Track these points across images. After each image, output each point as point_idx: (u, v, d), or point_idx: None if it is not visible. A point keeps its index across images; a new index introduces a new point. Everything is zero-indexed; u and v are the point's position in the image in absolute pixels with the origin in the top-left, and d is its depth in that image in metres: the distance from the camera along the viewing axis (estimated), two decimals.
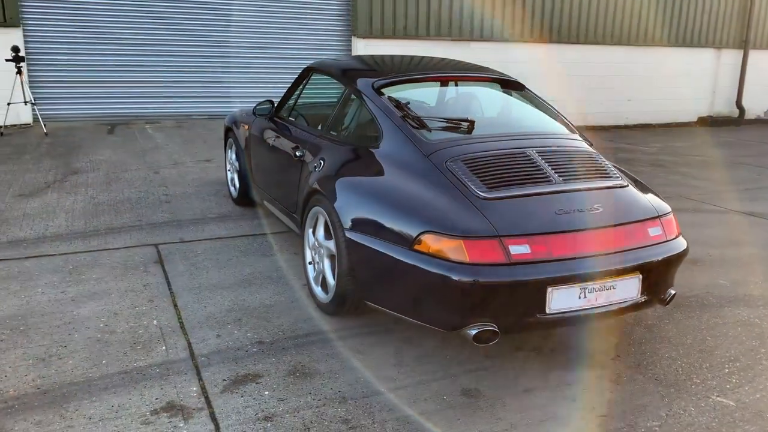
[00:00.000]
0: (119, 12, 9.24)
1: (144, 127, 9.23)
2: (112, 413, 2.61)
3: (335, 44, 10.68)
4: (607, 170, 3.41)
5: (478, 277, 2.77)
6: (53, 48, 8.99)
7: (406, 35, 10.79)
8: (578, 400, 2.83)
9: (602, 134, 11.70)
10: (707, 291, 4.14)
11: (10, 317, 3.46)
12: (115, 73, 9.40)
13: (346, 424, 2.59)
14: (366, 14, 10.43)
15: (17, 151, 7.49)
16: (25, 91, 8.20)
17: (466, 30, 11.26)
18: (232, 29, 9.95)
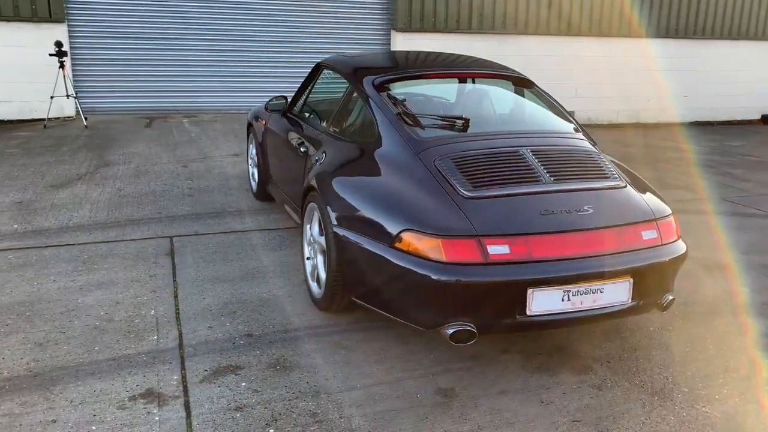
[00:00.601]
0: (161, 8, 9.51)
1: (181, 121, 9.49)
2: (92, 397, 2.72)
3: (374, 38, 10.68)
4: (605, 170, 3.33)
5: (453, 276, 2.75)
6: (96, 43, 9.32)
7: (447, 29, 10.71)
8: (553, 404, 2.78)
9: (654, 132, 11.36)
10: (723, 298, 3.99)
11: (19, 303, 3.63)
12: (155, 68, 9.68)
13: (313, 417, 2.63)
14: (405, 7, 10.40)
15: (57, 143, 7.82)
16: (67, 85, 8.53)
17: (511, 23, 11.07)
18: (270, 24, 10.09)
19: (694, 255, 4.67)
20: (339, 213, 3.27)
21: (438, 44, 10.62)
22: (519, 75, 4.09)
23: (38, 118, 8.82)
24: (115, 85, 9.55)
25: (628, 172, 3.62)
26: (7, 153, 7.34)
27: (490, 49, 10.90)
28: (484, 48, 10.82)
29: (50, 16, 8.79)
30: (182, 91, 9.92)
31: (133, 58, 9.55)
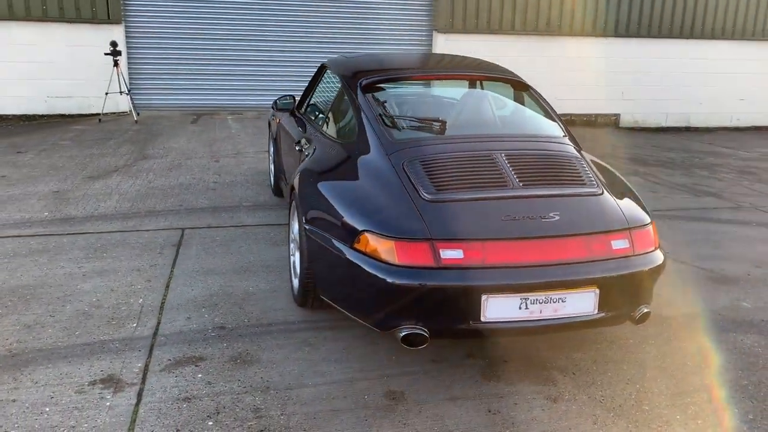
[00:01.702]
0: (212, 10, 9.84)
1: (226, 118, 9.80)
2: (56, 380, 2.88)
3: (416, 39, 10.67)
4: (582, 177, 3.22)
5: (404, 279, 2.74)
6: (150, 43, 9.76)
7: (490, 30, 10.57)
8: (500, 414, 2.72)
9: (703, 137, 10.83)
10: (721, 313, 3.78)
11: (24, 286, 3.88)
12: (205, 66, 10.04)
13: (255, 412, 2.68)
14: (447, 7, 10.33)
15: (105, 136, 8.25)
16: (121, 83, 8.98)
17: (555, 24, 10.80)
18: (315, 24, 10.26)
19: (704, 266, 4.46)
20: (310, 211, 3.32)
21: (480, 45, 10.49)
22: (514, 78, 4.00)
23: (95, 113, 9.33)
24: (167, 83, 9.97)
25: (614, 178, 3.50)
26: (59, 145, 7.81)
27: (533, 51, 10.70)
28: (527, 50, 10.64)
29: (108, 17, 9.28)
30: (230, 89, 10.23)
31: (185, 58, 9.93)
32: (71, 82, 9.31)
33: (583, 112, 11.25)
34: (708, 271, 4.44)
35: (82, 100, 9.39)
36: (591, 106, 11.27)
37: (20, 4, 8.96)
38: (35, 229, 4.92)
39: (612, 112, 11.43)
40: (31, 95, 9.28)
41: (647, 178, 7.27)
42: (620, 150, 8.95)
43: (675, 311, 3.77)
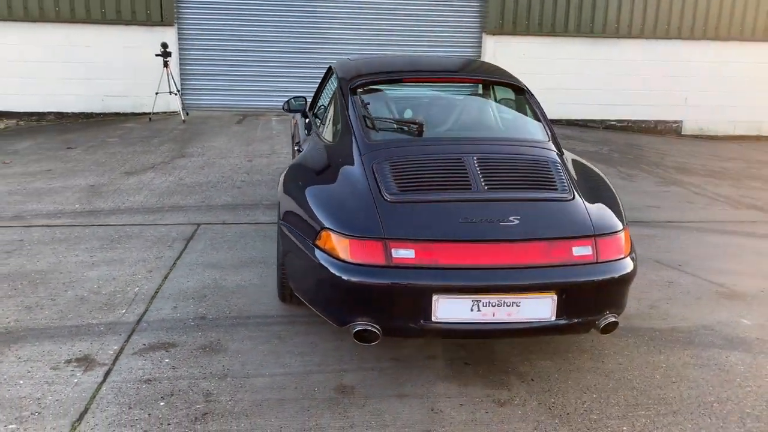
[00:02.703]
0: (262, 13, 10.17)
1: (271, 119, 10.09)
2: (38, 356, 3.11)
3: (465, 41, 10.62)
4: (555, 181, 3.18)
5: (355, 276, 2.81)
6: (201, 44, 10.18)
7: (541, 32, 10.41)
8: (442, 414, 2.74)
9: None
10: (715, 328, 3.63)
11: (37, 271, 4.17)
12: (253, 68, 10.37)
13: (206, 397, 2.81)
14: (498, 7, 10.24)
15: (152, 135, 8.68)
16: (170, 83, 9.41)
17: (612, 26, 10.51)
18: (363, 28, 10.40)
19: (716, 280, 4.29)
20: (285, 207, 3.43)
21: (530, 47, 10.37)
22: (509, 81, 3.96)
23: (147, 112, 9.81)
24: (216, 84, 10.36)
25: (596, 184, 3.44)
26: (107, 142, 8.28)
27: (587, 53, 10.47)
28: (581, 52, 10.42)
29: (161, 20, 9.75)
30: (278, 91, 10.50)
31: (234, 59, 10.30)
32: (126, 82, 9.84)
33: (641, 119, 10.89)
34: (718, 285, 4.26)
35: (135, 100, 9.90)
36: (650, 112, 10.90)
37: (81, 8, 9.55)
38: (63, 219, 5.26)
39: (673, 119, 11.00)
40: (89, 94, 9.87)
41: (688, 188, 6.99)
42: (669, 159, 8.63)
43: (665, 324, 3.66)
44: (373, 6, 10.34)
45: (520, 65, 10.36)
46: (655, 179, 7.22)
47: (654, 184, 7.00)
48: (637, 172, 7.52)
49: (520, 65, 10.36)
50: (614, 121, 10.79)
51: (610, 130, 10.72)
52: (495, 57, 10.33)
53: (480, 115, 3.86)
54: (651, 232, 5.33)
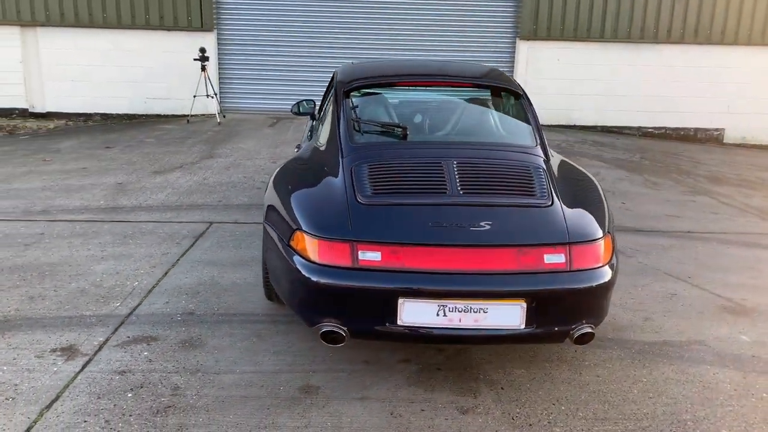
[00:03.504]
0: (298, 19, 10.35)
1: (303, 122, 10.22)
2: (27, 344, 3.25)
3: (499, 47, 10.50)
4: (534, 187, 3.12)
5: (322, 277, 2.83)
6: (240, 49, 10.44)
7: (576, 37, 10.20)
8: (401, 418, 2.72)
9: None
10: (710, 344, 3.48)
11: (49, 264, 4.37)
12: (289, 72, 10.56)
13: (173, 390, 2.88)
14: (531, 13, 10.10)
15: (186, 136, 8.94)
16: (208, 86, 9.68)
17: (650, 31, 10.21)
18: (397, 33, 10.43)
19: (724, 294, 4.12)
20: (269, 207, 3.48)
21: (564, 53, 10.18)
22: (506, 86, 3.90)
23: (186, 114, 10.12)
24: (253, 88, 10.60)
25: (582, 191, 3.35)
26: (144, 142, 8.58)
27: (624, 59, 10.20)
28: (617, 58, 10.17)
29: (201, 26, 10.05)
30: (312, 95, 10.62)
31: (271, 64, 10.51)
32: (167, 85, 10.18)
33: (680, 126, 10.53)
34: (726, 299, 4.08)
35: (176, 102, 10.22)
36: (690, 120, 10.53)
37: (127, 14, 9.95)
38: (86, 215, 5.49)
39: (715, 127, 10.59)
40: (133, 96, 10.26)
41: (717, 198, 6.72)
42: (703, 167, 8.31)
43: (657, 337, 3.53)
44: (406, 12, 10.36)
45: (555, 71, 10.22)
46: (682, 188, 6.96)
47: (680, 193, 6.75)
48: (664, 180, 7.27)
49: (554, 71, 10.23)
50: (652, 129, 10.46)
51: (648, 137, 10.39)
52: (528, 63, 10.20)
53: (470, 120, 3.82)
54: (666, 243, 5.15)
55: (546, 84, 10.26)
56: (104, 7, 9.92)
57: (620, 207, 6.10)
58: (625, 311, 3.84)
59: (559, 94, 10.28)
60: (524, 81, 10.26)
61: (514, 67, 10.36)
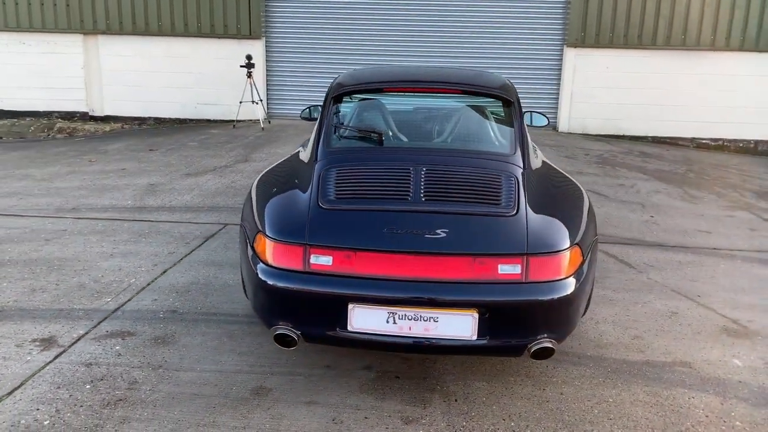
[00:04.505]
0: (344, 26, 10.48)
1: None
2: (11, 334, 3.43)
3: (545, 54, 10.21)
4: (500, 196, 3.02)
5: (274, 280, 2.85)
6: (286, 56, 10.67)
7: (627, 44, 9.82)
8: (342, 425, 2.70)
9: None
10: (696, 366, 3.26)
11: (61, 258, 4.60)
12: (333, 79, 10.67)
13: (130, 384, 2.97)
14: (579, 19, 9.81)
15: (228, 140, 9.20)
16: (253, 92, 9.94)
17: (707, 37, 9.70)
18: (444, 39, 10.37)
19: (731, 315, 3.88)
20: (243, 209, 3.54)
21: (615, 61, 9.84)
22: (495, 92, 3.78)
23: (233, 120, 10.43)
24: (299, 94, 10.80)
25: (557, 201, 3.23)
26: (186, 146, 8.90)
27: (678, 68, 9.77)
28: (670, 67, 9.75)
29: (250, 33, 10.34)
30: None
31: (317, 71, 10.67)
32: (216, 91, 10.52)
33: (738, 138, 9.94)
34: (731, 321, 3.83)
35: (224, 108, 10.55)
36: (749, 131, 9.92)
37: (180, 22, 10.36)
38: (110, 213, 5.75)
39: None
40: (184, 101, 10.67)
41: (757, 214, 6.29)
42: (753, 182, 7.81)
43: (640, 357, 3.34)
44: (452, 19, 10.28)
45: (603, 79, 9.89)
46: (723, 203, 6.56)
47: (719, 207, 6.37)
48: (705, 194, 6.88)
49: (602, 79, 9.90)
50: (707, 140, 9.92)
51: (702, 149, 9.86)
52: (575, 71, 9.92)
53: (451, 127, 3.75)
54: (686, 259, 4.87)
55: (593, 93, 9.94)
56: (159, 15, 10.38)
57: (647, 221, 5.82)
58: (615, 328, 3.66)
59: (607, 103, 9.94)
60: (570, 90, 9.99)
61: (561, 76, 10.09)
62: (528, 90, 10.28)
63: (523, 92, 10.05)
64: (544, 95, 10.26)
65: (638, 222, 5.77)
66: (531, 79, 10.24)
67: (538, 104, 10.26)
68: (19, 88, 10.90)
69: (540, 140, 9.39)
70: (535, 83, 10.25)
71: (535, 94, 10.24)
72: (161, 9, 10.35)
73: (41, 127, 10.73)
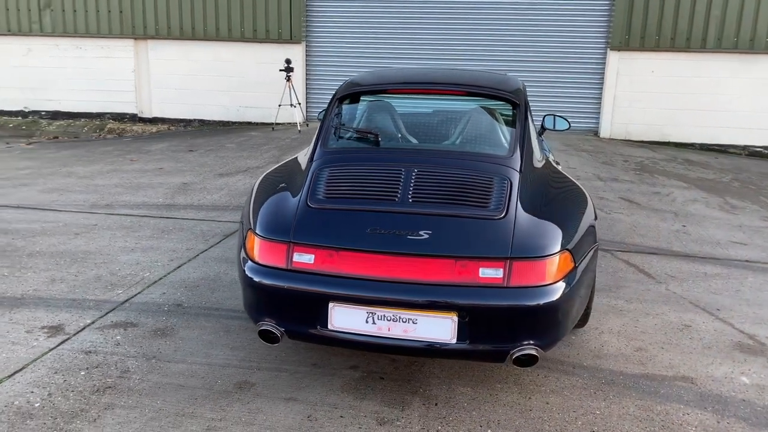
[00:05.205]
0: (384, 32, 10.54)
1: None
2: (24, 320, 3.59)
3: (588, 57, 9.98)
4: (489, 199, 2.97)
5: (259, 276, 2.90)
6: (326, 61, 10.81)
7: (674, 47, 9.50)
8: (316, 422, 2.70)
9: None
10: (694, 381, 3.12)
11: (84, 252, 4.79)
12: None
13: (122, 373, 3.06)
14: (623, 21, 9.54)
15: (265, 142, 9.38)
16: (291, 96, 10.10)
17: (762, 39, 9.27)
18: (486, 42, 10.29)
19: (748, 330, 3.72)
20: (243, 208, 3.60)
21: (661, 64, 9.53)
22: (501, 94, 3.72)
23: (272, 122, 10.63)
24: None
25: (555, 205, 3.15)
26: (224, 147, 9.12)
27: (729, 71, 9.38)
28: (722, 70, 9.38)
29: (291, 38, 10.53)
30: None
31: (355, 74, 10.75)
32: (257, 94, 10.75)
33: None
34: (747, 336, 3.64)
35: (265, 111, 10.76)
36: None
37: (225, 28, 10.65)
38: (140, 210, 5.95)
39: None
40: (227, 104, 10.94)
41: None
42: None
43: (640, 369, 3.22)
44: (492, 23, 10.19)
45: (648, 84, 9.60)
46: (765, 213, 6.25)
47: (760, 219, 6.07)
48: (747, 204, 6.56)
49: (647, 84, 9.60)
50: (761, 148, 9.47)
51: (755, 157, 9.42)
52: (618, 74, 9.65)
53: (452, 128, 3.70)
54: (713, 270, 4.66)
55: (638, 97, 9.65)
56: (205, 21, 10.69)
57: (677, 230, 5.61)
58: (619, 339, 3.54)
59: (652, 108, 9.63)
60: (613, 94, 9.73)
61: (604, 80, 9.84)
62: (569, 94, 10.09)
63: (563, 96, 10.01)
64: (585, 100, 10.03)
65: (668, 231, 5.56)
66: (572, 83, 10.04)
67: (578, 109, 10.05)
68: (76, 91, 11.42)
69: (578, 145, 9.19)
70: (577, 87, 10.03)
71: (576, 98, 10.03)
72: (207, 15, 10.66)
73: (94, 128, 11.21)
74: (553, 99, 10.03)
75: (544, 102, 9.91)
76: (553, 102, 9.99)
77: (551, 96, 10.05)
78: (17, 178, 7.33)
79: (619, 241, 5.23)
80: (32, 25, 11.31)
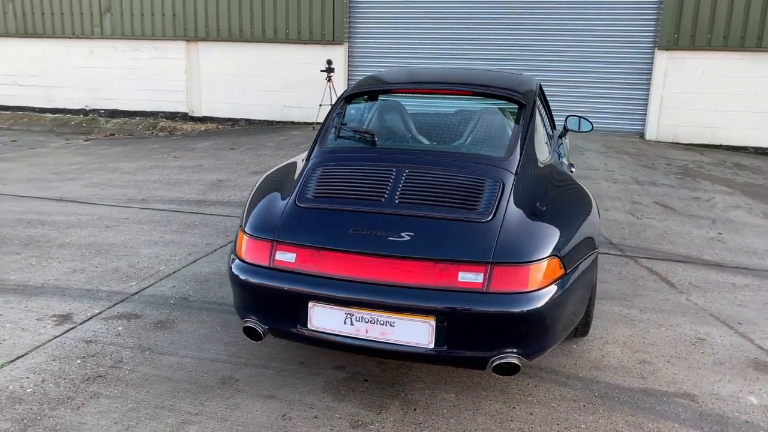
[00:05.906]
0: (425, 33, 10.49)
1: None
2: (37, 308, 3.75)
3: (635, 57, 9.63)
4: (478, 202, 2.89)
5: (243, 274, 2.93)
6: (368, 62, 10.86)
7: (727, 46, 9.05)
8: (290, 422, 2.70)
9: None
10: (696, 399, 2.95)
11: (110, 244, 4.96)
12: None
13: (115, 363, 3.15)
14: (672, 19, 9.16)
15: (304, 142, 9.48)
16: (332, 96, 10.18)
17: None
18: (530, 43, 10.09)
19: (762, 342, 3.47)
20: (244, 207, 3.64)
21: (712, 65, 9.11)
22: (507, 94, 3.63)
23: (313, 122, 10.74)
24: None
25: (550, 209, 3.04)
26: (264, 146, 9.29)
27: None
28: None
29: (333, 39, 10.62)
30: None
31: None
32: (299, 94, 10.89)
33: None
34: (766, 352, 3.43)
35: (307, 111, 10.90)
36: None
37: (270, 30, 10.85)
38: (173, 205, 6.12)
39: None
40: (271, 104, 11.14)
41: None
42: None
43: (639, 384, 3.07)
44: (535, 23, 9.97)
45: (698, 84, 9.20)
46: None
47: None
48: None
49: (697, 85, 9.20)
50: None
51: None
52: (666, 75, 9.27)
53: (450, 129, 3.63)
54: (743, 281, 4.41)
55: (687, 99, 9.24)
56: (252, 23, 10.91)
57: (712, 238, 5.33)
58: (623, 350, 3.39)
59: (701, 109, 9.21)
60: (660, 95, 9.35)
61: (651, 80, 9.47)
62: (614, 95, 9.77)
63: (607, 97, 9.71)
64: (630, 101, 9.69)
65: (701, 238, 5.29)
66: (617, 84, 9.72)
67: (623, 110, 9.73)
68: (132, 90, 11.87)
69: (621, 148, 8.88)
70: (622, 88, 9.71)
71: (621, 99, 9.71)
72: (253, 17, 10.88)
73: (147, 126, 11.62)
74: (597, 100, 9.74)
75: (588, 103, 9.65)
76: (597, 103, 9.70)
77: (595, 97, 9.77)
78: (67, 172, 7.69)
79: (645, 248, 5.02)
80: (94, 28, 11.83)
